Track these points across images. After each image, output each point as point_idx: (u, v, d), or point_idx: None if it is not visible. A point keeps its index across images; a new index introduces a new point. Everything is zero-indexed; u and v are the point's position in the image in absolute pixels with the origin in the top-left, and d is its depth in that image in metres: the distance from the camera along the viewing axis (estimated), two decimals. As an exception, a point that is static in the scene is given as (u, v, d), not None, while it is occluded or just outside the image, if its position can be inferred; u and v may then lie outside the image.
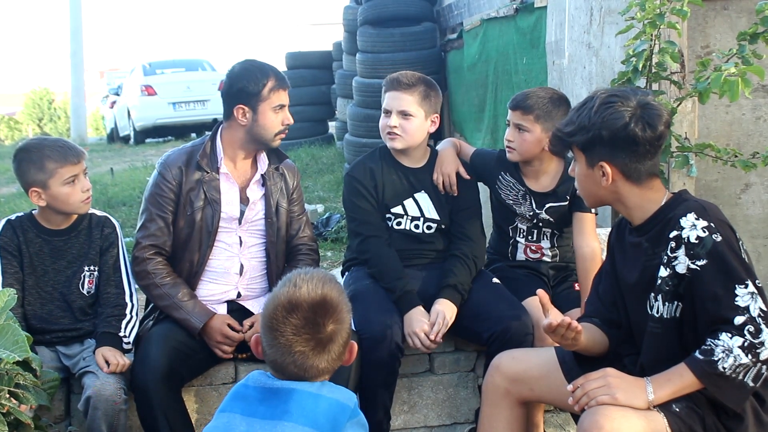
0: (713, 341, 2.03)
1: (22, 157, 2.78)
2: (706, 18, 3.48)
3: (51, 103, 28.14)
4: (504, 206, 3.21)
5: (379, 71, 7.56)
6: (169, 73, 16.22)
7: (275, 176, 3.08)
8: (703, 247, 2.07)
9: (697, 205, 2.14)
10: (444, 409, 3.20)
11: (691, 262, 2.09)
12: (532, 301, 2.93)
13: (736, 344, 2.00)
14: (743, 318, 2.01)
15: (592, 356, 2.38)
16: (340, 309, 1.86)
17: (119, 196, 7.96)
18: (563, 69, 4.36)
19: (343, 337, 1.86)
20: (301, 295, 1.82)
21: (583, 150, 2.24)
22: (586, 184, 2.28)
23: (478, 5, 6.76)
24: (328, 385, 1.85)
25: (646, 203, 2.23)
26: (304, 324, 1.80)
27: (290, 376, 1.83)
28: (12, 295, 2.22)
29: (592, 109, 2.19)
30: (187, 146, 3.04)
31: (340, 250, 5.44)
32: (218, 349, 2.89)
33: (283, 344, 1.80)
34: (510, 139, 3.07)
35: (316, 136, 10.83)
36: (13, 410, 2.12)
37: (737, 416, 2.10)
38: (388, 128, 3.06)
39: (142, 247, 2.92)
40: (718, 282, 2.06)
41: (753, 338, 1.99)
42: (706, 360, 2.03)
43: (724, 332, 2.02)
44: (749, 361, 2.00)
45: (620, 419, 2.02)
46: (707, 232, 2.07)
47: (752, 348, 2.00)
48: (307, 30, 27.30)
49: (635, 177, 2.20)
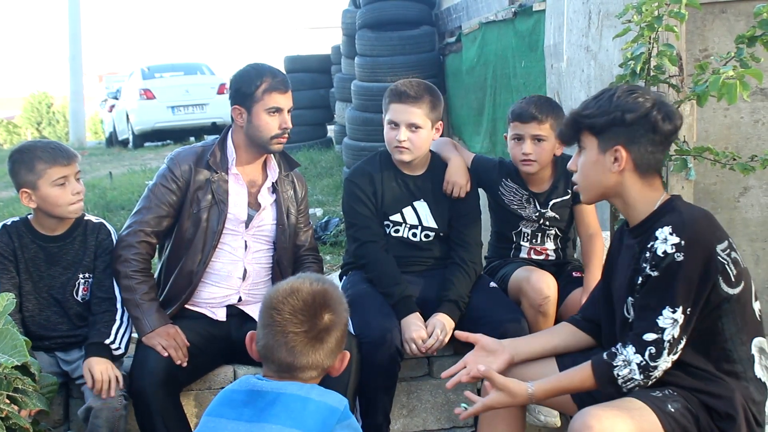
0: (621, 348, 2.15)
1: (15, 158, 2.79)
2: (705, 21, 3.48)
3: (50, 107, 28.10)
4: (508, 212, 3.23)
5: (377, 75, 7.56)
6: (167, 77, 16.20)
7: (286, 183, 3.09)
8: (663, 260, 2.12)
9: (679, 219, 2.15)
10: (443, 413, 3.20)
11: (650, 270, 2.14)
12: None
13: (635, 360, 2.13)
14: (654, 336, 2.11)
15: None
16: (338, 305, 1.89)
17: (118, 200, 7.96)
18: (562, 72, 4.36)
19: (338, 336, 1.88)
20: (304, 283, 1.88)
21: (598, 134, 2.24)
22: (593, 172, 2.27)
23: (476, 9, 6.77)
24: (318, 388, 1.85)
25: (644, 202, 2.24)
26: (303, 307, 1.84)
27: (279, 364, 1.83)
28: (11, 300, 2.22)
29: (614, 95, 2.23)
30: (197, 145, 3.05)
31: (338, 254, 5.44)
32: (160, 346, 2.76)
33: (279, 323, 1.83)
34: (528, 152, 3.09)
35: (314, 140, 10.82)
36: (12, 415, 2.11)
37: (730, 417, 2.12)
38: (397, 142, 3.04)
39: (132, 231, 2.89)
40: (655, 295, 2.13)
41: (651, 361, 2.11)
42: (607, 362, 2.16)
43: (631, 345, 2.14)
44: (640, 379, 2.13)
45: (610, 419, 2.03)
46: (674, 249, 2.11)
47: (646, 369, 2.12)
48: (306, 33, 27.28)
49: (644, 168, 2.22)
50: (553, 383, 2.27)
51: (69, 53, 18.62)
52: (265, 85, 2.92)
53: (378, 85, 7.38)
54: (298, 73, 10.71)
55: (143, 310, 2.82)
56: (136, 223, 2.91)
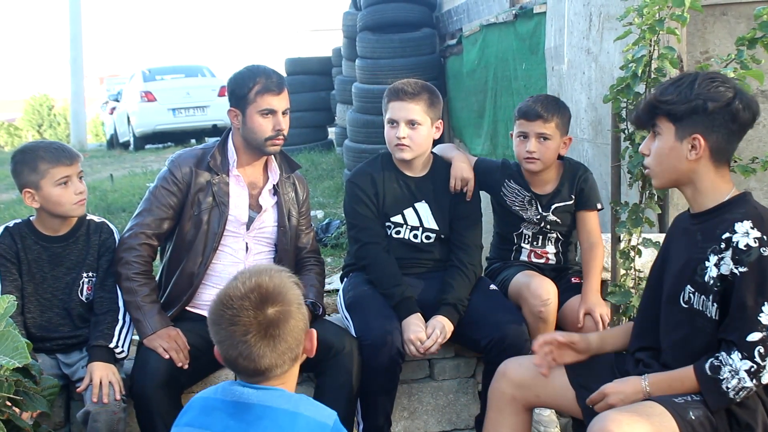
0: (725, 357, 2.07)
1: (17, 159, 2.80)
2: (705, 24, 3.48)
3: (51, 110, 28.10)
4: (510, 213, 3.23)
5: (378, 77, 7.57)
6: (168, 79, 16.21)
7: (287, 185, 3.09)
8: (749, 255, 2.07)
9: (757, 213, 2.13)
10: (444, 415, 3.20)
11: (735, 266, 2.09)
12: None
13: (743, 368, 2.04)
14: (760, 335, 2.04)
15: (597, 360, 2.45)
16: (279, 293, 1.78)
17: (119, 202, 7.96)
18: (562, 74, 4.36)
19: (292, 324, 1.77)
20: (235, 286, 1.78)
21: (676, 121, 2.20)
22: (668, 158, 2.23)
23: (477, 11, 6.77)
24: (306, 400, 1.79)
25: (715, 191, 2.22)
26: (240, 311, 1.74)
27: (246, 372, 1.77)
28: (12, 302, 2.21)
29: (695, 82, 2.19)
30: (198, 148, 3.06)
31: (339, 256, 5.44)
32: (162, 348, 2.77)
33: (225, 336, 1.75)
34: (532, 150, 3.09)
35: (315, 142, 10.83)
36: (13, 417, 2.11)
37: (749, 428, 2.11)
38: (397, 140, 3.05)
39: (133, 234, 2.90)
40: (750, 292, 2.07)
41: (761, 360, 2.03)
42: (712, 377, 2.07)
43: (736, 350, 2.05)
44: (752, 385, 2.05)
45: (630, 425, 2.02)
46: (757, 243, 2.07)
47: (757, 373, 2.04)
48: (307, 36, 27.30)
49: (720, 157, 2.20)
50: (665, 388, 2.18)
51: (70, 55, 18.61)
52: (257, 86, 2.91)
53: (379, 87, 7.38)
54: (298, 76, 10.73)
55: (144, 312, 2.82)
56: (137, 225, 2.92)
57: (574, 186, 3.18)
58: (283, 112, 2.97)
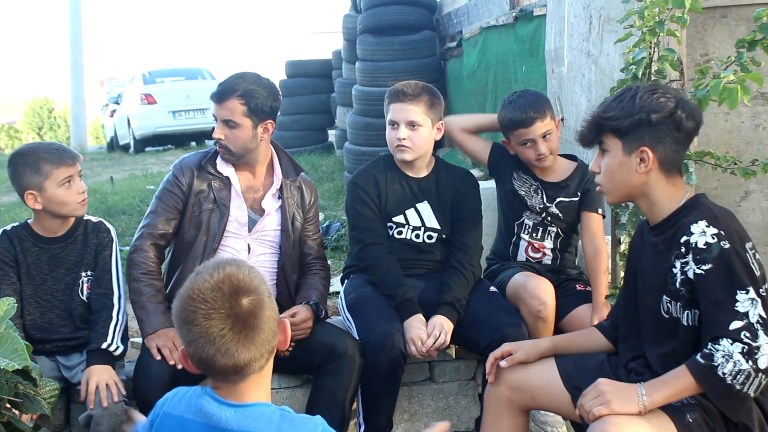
0: (714, 346, 2.02)
1: (17, 161, 2.79)
2: (705, 26, 3.48)
3: (51, 112, 28.10)
4: (516, 197, 3.27)
5: (378, 80, 7.57)
6: (168, 82, 16.23)
7: (292, 189, 3.10)
8: (710, 252, 2.07)
9: (710, 212, 2.14)
10: (444, 417, 3.20)
11: (697, 267, 2.09)
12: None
13: (735, 350, 1.99)
14: (741, 323, 2.01)
15: (590, 362, 2.43)
16: (250, 282, 1.66)
17: (119, 205, 7.95)
18: (563, 77, 4.36)
19: (267, 314, 1.65)
20: (203, 279, 1.64)
21: (622, 136, 2.21)
22: (618, 174, 2.25)
23: (477, 13, 6.78)
24: (288, 419, 1.65)
25: (668, 199, 2.23)
26: (214, 304, 1.61)
27: (224, 371, 1.63)
28: (12, 304, 2.21)
29: (636, 95, 2.21)
30: (201, 152, 3.10)
31: (340, 258, 5.43)
32: (155, 348, 2.77)
33: (199, 333, 1.61)
34: (543, 152, 3.15)
35: (315, 145, 10.82)
36: (13, 419, 2.11)
37: (746, 429, 2.10)
38: (397, 141, 3.06)
39: (140, 236, 2.98)
40: (721, 287, 2.06)
41: (752, 341, 1.98)
42: (706, 364, 2.02)
43: (724, 338, 2.01)
44: (749, 367, 1.98)
45: (629, 427, 2.01)
46: (716, 239, 2.08)
47: (751, 353, 1.98)
48: (307, 38, 27.32)
49: (669, 167, 2.22)
50: (662, 398, 2.12)
51: (70, 58, 18.62)
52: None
53: (379, 89, 7.40)
54: (299, 78, 10.73)
55: (148, 312, 2.86)
56: (144, 227, 2.99)
57: (581, 185, 3.22)
58: (222, 121, 2.95)
